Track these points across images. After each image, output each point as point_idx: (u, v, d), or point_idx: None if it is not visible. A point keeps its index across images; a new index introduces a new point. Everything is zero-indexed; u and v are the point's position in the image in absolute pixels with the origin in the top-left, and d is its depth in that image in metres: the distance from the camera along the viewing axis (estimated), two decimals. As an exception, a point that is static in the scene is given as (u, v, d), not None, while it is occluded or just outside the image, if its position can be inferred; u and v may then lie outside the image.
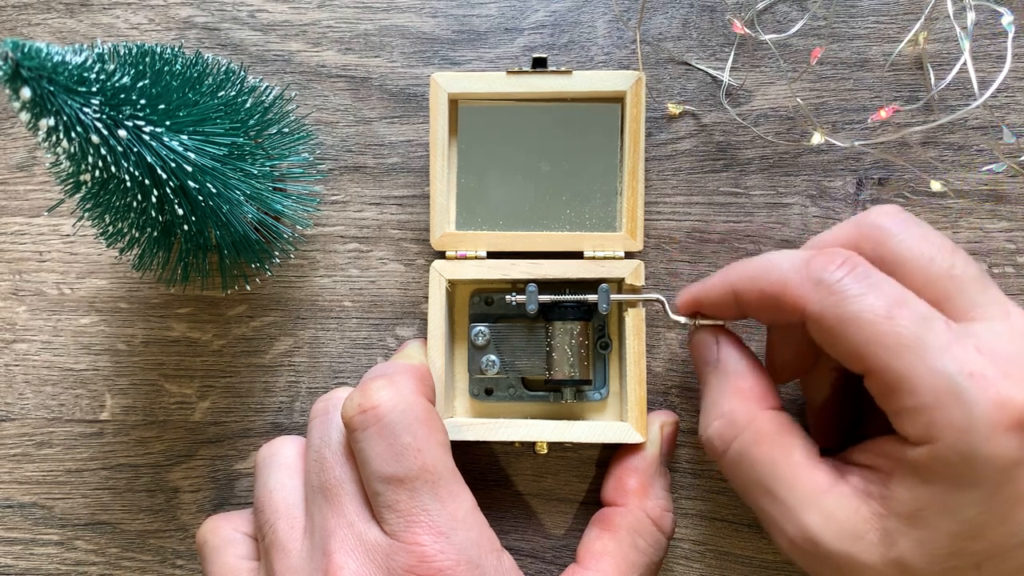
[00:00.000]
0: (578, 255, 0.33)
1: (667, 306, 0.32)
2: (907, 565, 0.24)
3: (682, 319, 0.31)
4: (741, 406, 0.28)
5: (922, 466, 0.24)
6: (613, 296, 0.32)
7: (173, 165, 0.27)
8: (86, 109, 0.24)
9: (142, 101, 0.26)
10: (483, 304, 0.34)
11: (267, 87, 0.33)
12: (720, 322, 0.31)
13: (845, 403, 0.31)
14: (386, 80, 0.36)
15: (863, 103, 0.35)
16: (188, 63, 0.29)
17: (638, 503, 0.31)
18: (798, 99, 0.35)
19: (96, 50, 0.26)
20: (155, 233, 0.30)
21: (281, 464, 0.31)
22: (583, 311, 0.33)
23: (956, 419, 0.23)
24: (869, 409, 0.30)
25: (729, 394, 0.29)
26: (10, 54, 0.23)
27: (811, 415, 0.32)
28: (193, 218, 0.29)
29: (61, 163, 0.28)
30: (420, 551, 0.26)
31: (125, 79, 0.26)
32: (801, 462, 0.27)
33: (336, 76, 0.37)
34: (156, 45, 0.29)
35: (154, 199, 0.27)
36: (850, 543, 0.25)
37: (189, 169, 0.27)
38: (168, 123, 0.27)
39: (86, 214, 0.30)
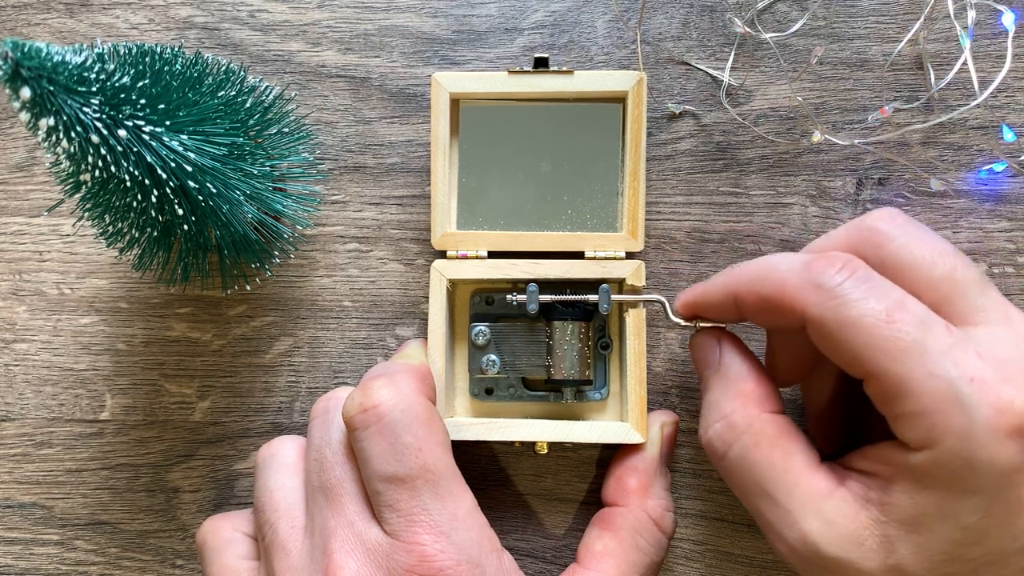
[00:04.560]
0: (579, 255, 0.33)
1: (668, 307, 0.32)
2: (906, 571, 0.24)
3: (681, 321, 0.31)
4: (741, 409, 0.28)
5: (922, 472, 0.24)
6: (614, 296, 0.32)
7: (173, 165, 0.27)
8: (86, 109, 0.24)
9: (142, 101, 0.26)
10: (484, 304, 0.34)
11: (267, 87, 0.33)
12: (721, 324, 0.31)
13: (845, 409, 0.31)
14: (386, 80, 0.36)
15: (863, 103, 0.35)
16: (188, 63, 0.29)
17: (639, 503, 0.31)
18: (798, 98, 0.35)
19: (96, 50, 0.26)
20: (155, 233, 0.30)
21: (281, 464, 0.31)
22: (584, 311, 0.33)
23: (957, 424, 0.23)
24: (869, 415, 0.29)
25: (730, 397, 0.28)
26: (10, 54, 0.23)
27: (811, 421, 0.32)
28: (193, 218, 0.29)
29: (61, 163, 0.28)
30: (420, 551, 0.26)
31: (125, 79, 0.26)
32: (801, 466, 0.27)
33: (336, 76, 0.37)
34: (156, 45, 0.29)
35: (154, 199, 0.27)
36: (849, 549, 0.25)
37: (189, 169, 0.27)
38: (168, 123, 0.27)
39: (86, 214, 0.30)
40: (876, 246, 0.27)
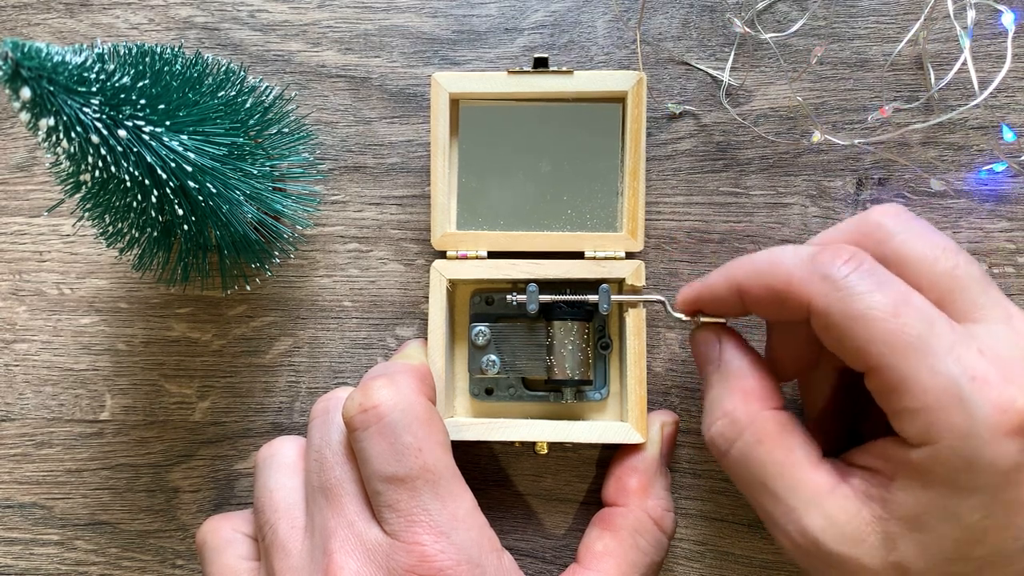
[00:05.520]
0: (579, 255, 0.33)
1: (668, 305, 0.32)
2: (908, 569, 0.24)
3: (683, 316, 0.31)
4: (743, 406, 0.28)
5: (923, 469, 0.24)
6: (614, 296, 0.32)
7: (173, 165, 0.27)
8: (86, 109, 0.24)
9: (142, 101, 0.26)
10: (483, 304, 0.34)
11: (267, 87, 0.33)
12: (721, 319, 0.31)
13: (845, 406, 0.31)
14: (386, 80, 0.36)
15: (863, 103, 0.35)
16: (188, 63, 0.29)
17: (639, 503, 0.31)
18: (798, 98, 0.35)
19: (96, 50, 0.26)
20: (155, 233, 0.30)
21: (281, 464, 0.31)
22: (584, 311, 0.33)
23: (957, 422, 0.23)
24: (868, 413, 0.29)
25: (732, 393, 0.28)
26: (10, 54, 0.23)
27: (810, 419, 0.32)
28: (193, 218, 0.29)
29: (61, 163, 0.28)
30: (420, 551, 0.26)
31: (125, 79, 0.26)
32: (803, 463, 0.27)
33: (336, 76, 0.37)
34: (156, 45, 0.29)
35: (154, 199, 0.27)
36: (851, 546, 0.25)
37: (189, 169, 0.27)
38: (168, 123, 0.27)
39: (86, 214, 0.30)
40: (878, 241, 0.27)
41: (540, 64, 0.33)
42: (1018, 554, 0.24)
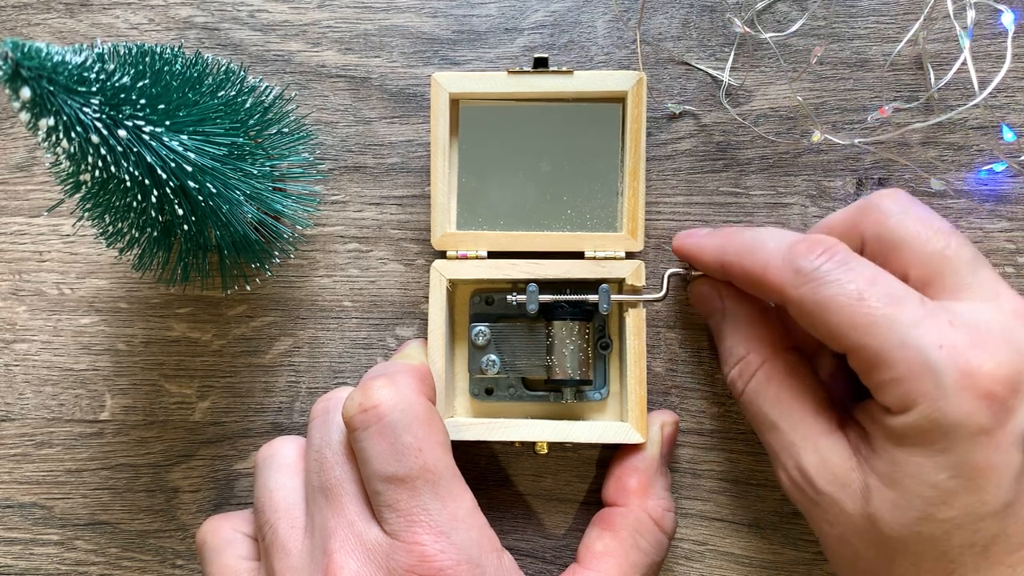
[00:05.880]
0: (579, 255, 0.33)
1: (667, 279, 0.33)
2: (879, 522, 0.26)
3: (680, 270, 0.33)
4: (756, 350, 0.30)
5: (899, 433, 0.25)
6: (614, 296, 0.32)
7: (173, 165, 0.27)
8: (86, 109, 0.24)
9: (142, 101, 0.26)
10: (483, 304, 0.34)
11: (267, 87, 0.33)
12: None
13: (847, 379, 0.31)
14: (386, 80, 0.36)
15: (863, 103, 0.35)
16: (188, 63, 0.29)
17: (639, 503, 0.31)
18: (798, 98, 0.35)
19: (96, 50, 0.26)
20: (155, 233, 0.30)
21: (281, 464, 0.31)
22: (584, 311, 0.33)
23: (928, 389, 0.24)
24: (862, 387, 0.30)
25: (744, 340, 0.31)
26: (10, 54, 0.23)
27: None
28: (193, 218, 0.29)
29: (61, 163, 0.28)
30: (420, 551, 0.26)
31: (125, 79, 0.26)
32: (807, 404, 0.29)
33: (336, 76, 0.37)
34: (156, 45, 0.29)
35: (154, 199, 0.27)
36: (837, 488, 0.27)
37: (189, 169, 0.27)
38: (168, 123, 0.27)
39: (86, 214, 0.30)
40: (875, 222, 0.28)
41: (540, 64, 0.33)
42: (986, 519, 0.25)
